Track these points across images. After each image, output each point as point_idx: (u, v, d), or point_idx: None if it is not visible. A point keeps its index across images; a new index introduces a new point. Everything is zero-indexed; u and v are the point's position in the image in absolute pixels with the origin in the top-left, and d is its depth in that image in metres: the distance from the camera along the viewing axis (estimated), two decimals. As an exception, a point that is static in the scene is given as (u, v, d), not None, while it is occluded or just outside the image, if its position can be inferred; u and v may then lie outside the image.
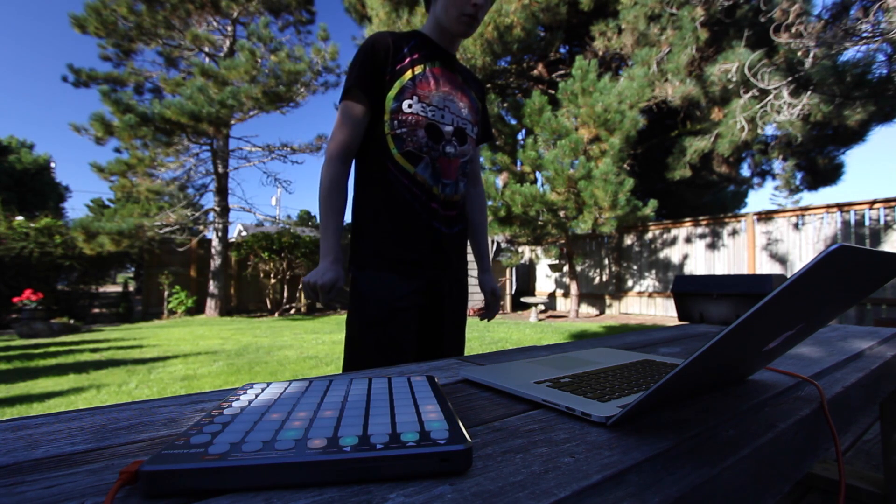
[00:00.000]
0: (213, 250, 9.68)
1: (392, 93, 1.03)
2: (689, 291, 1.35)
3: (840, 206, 6.11)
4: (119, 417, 0.46)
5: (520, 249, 9.85)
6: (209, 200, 10.57)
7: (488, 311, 1.34)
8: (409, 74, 1.04)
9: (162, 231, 9.00)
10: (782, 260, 6.66)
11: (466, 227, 1.22)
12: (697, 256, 7.70)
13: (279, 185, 11.52)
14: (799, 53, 6.38)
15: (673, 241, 8.03)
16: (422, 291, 1.07)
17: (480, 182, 1.33)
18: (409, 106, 1.02)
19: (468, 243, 1.26)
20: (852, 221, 6.04)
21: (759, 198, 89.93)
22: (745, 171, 10.77)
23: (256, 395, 0.45)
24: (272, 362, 3.99)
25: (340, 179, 1.05)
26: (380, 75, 1.03)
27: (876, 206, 5.83)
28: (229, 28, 10.32)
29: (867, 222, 5.94)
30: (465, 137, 1.12)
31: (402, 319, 1.03)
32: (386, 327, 1.02)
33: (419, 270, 1.06)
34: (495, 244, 9.60)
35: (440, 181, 1.06)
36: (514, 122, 8.57)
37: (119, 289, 9.80)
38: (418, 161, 1.04)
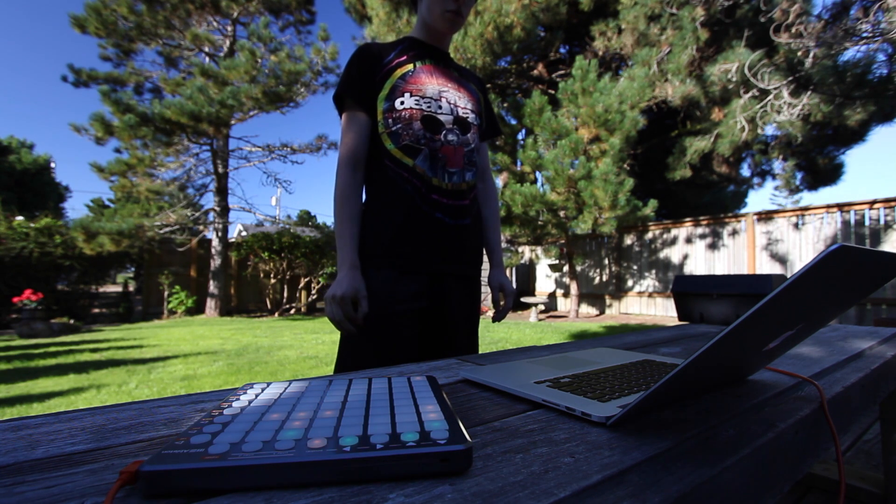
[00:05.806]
0: (213, 250, 9.69)
1: (382, 94, 1.04)
2: (689, 291, 1.35)
3: (840, 206, 6.11)
4: (119, 417, 0.46)
5: (520, 249, 9.85)
6: (209, 200, 10.58)
7: (497, 310, 1.24)
8: (398, 73, 1.04)
9: (162, 231, 9.00)
10: (782, 260, 6.66)
11: (480, 221, 1.20)
12: (697, 256, 7.70)
13: (279, 185, 11.52)
14: (799, 53, 6.39)
15: (673, 241, 8.03)
16: (424, 293, 1.05)
17: (490, 176, 1.30)
18: (402, 103, 1.02)
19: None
20: (852, 221, 6.04)
21: (759, 198, 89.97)
22: (745, 171, 10.79)
23: (256, 396, 0.45)
24: (272, 362, 3.99)
25: (352, 186, 1.04)
26: (369, 80, 1.04)
27: (876, 206, 5.83)
28: (229, 28, 10.32)
29: (867, 222, 5.93)
30: (468, 126, 1.10)
31: (400, 322, 1.01)
32: (382, 329, 1.00)
33: (421, 265, 1.04)
34: (495, 244, 9.59)
35: (445, 171, 1.04)
36: (514, 122, 8.57)
37: (119, 289, 9.81)
38: (417, 153, 1.03)
